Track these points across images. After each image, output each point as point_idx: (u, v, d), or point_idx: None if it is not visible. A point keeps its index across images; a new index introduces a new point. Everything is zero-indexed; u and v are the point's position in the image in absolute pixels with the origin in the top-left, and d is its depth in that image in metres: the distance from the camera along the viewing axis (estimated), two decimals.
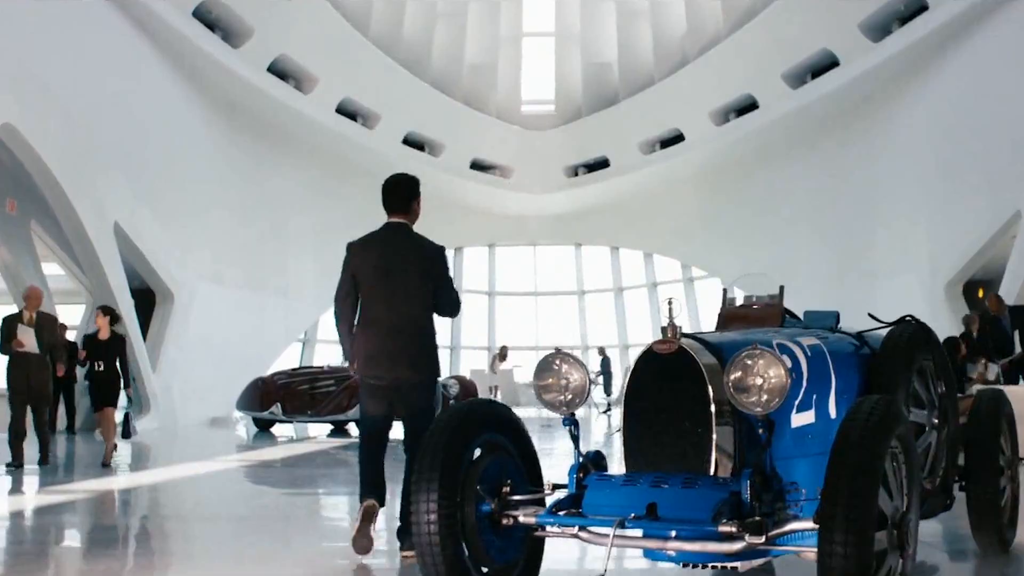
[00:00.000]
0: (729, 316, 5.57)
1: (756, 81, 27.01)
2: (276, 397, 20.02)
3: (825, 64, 25.19)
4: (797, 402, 4.52)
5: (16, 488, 11.24)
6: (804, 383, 4.59)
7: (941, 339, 6.02)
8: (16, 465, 12.57)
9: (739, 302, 5.66)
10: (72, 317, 22.70)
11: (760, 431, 4.05)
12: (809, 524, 3.82)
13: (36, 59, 17.75)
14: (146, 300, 22.94)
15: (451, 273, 6.45)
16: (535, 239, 36.68)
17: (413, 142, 30.40)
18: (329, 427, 20.45)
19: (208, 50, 22.99)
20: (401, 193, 6.44)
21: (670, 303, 4.31)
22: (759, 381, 3.96)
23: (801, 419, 4.54)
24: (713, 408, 4.19)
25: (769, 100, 26.75)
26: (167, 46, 22.14)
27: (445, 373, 32.05)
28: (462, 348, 36.45)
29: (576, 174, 33.10)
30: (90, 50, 19.60)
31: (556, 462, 9.15)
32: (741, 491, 3.97)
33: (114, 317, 13.76)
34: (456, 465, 4.31)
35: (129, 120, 20.85)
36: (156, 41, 21.83)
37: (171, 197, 22.47)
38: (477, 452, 4.51)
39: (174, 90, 22.82)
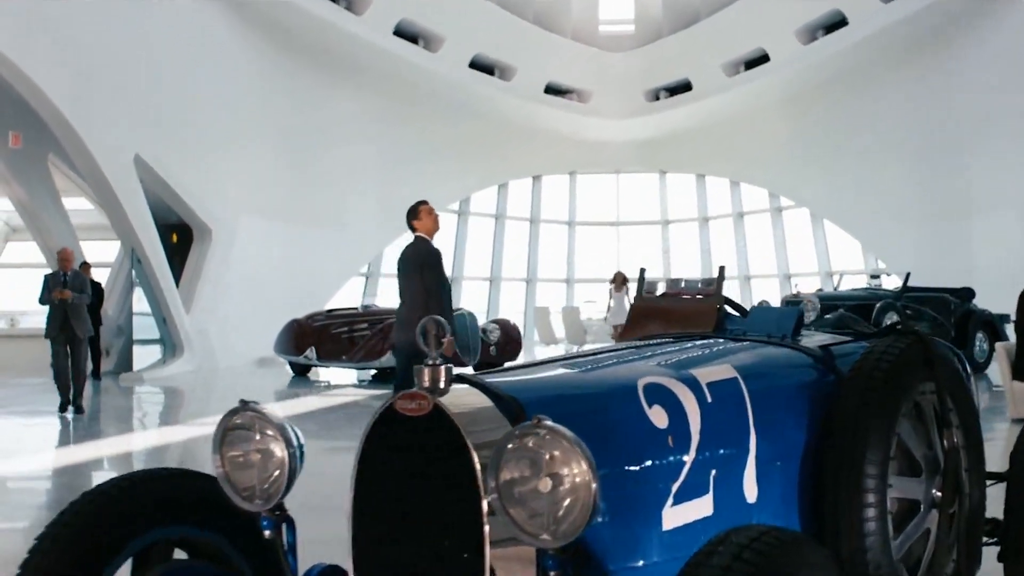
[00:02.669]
0: (643, 312, 3.75)
1: None
2: (311, 340, 18.76)
3: None
4: (677, 485, 2.75)
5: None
6: (692, 451, 2.81)
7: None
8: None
9: (663, 289, 3.82)
10: (106, 254, 21.74)
11: (553, 574, 2.30)
12: None
13: None
14: (189, 236, 21.88)
15: (440, 271, 8.59)
16: (618, 166, 34.91)
17: (481, 65, 28.68)
18: (371, 372, 19.07)
19: None
20: (407, 217, 8.72)
21: (438, 325, 2.59)
22: (546, 486, 2.25)
23: (684, 514, 2.76)
24: (487, 517, 2.39)
25: (859, 15, 24.43)
26: None
27: (510, 311, 31.14)
28: (538, 281, 34.94)
29: (657, 98, 31.20)
30: None
31: None
32: None
33: None
34: None
35: (148, 45, 19.43)
36: None
37: (206, 127, 21.14)
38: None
39: (207, 11, 21.28)
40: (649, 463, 2.69)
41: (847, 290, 19.68)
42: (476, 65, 28.46)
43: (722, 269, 3.88)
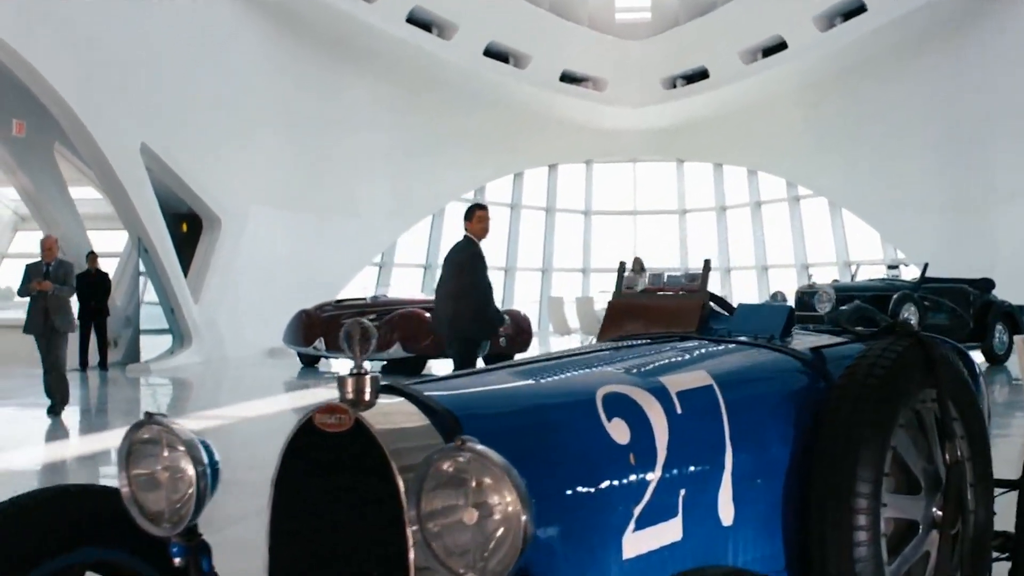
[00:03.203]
0: (622, 310, 3.43)
1: None
2: (319, 331, 18.48)
3: None
4: (640, 508, 2.45)
5: None
6: (657, 470, 2.52)
7: None
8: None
9: (643, 284, 3.51)
10: (115, 244, 21.58)
11: None
12: None
13: None
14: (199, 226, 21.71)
15: (482, 270, 9.20)
16: (635, 155, 34.53)
17: (496, 53, 28.36)
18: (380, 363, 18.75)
19: None
20: (465, 217, 9.31)
21: (361, 328, 2.31)
22: (472, 518, 1.97)
23: (648, 540, 2.45)
24: (412, 544, 2.06)
25: (878, 1, 24.03)
26: None
27: (525, 301, 30.84)
28: (554, 270, 34.65)
29: (674, 86, 30.82)
30: None
31: None
32: None
33: None
34: None
35: (154, 31, 19.23)
36: None
37: (215, 115, 20.93)
38: None
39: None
40: (606, 484, 2.40)
41: (864, 281, 19.32)
42: (491, 53, 28.16)
43: (707, 263, 3.58)
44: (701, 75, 29.90)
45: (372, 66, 26.04)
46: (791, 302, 17.61)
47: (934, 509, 3.11)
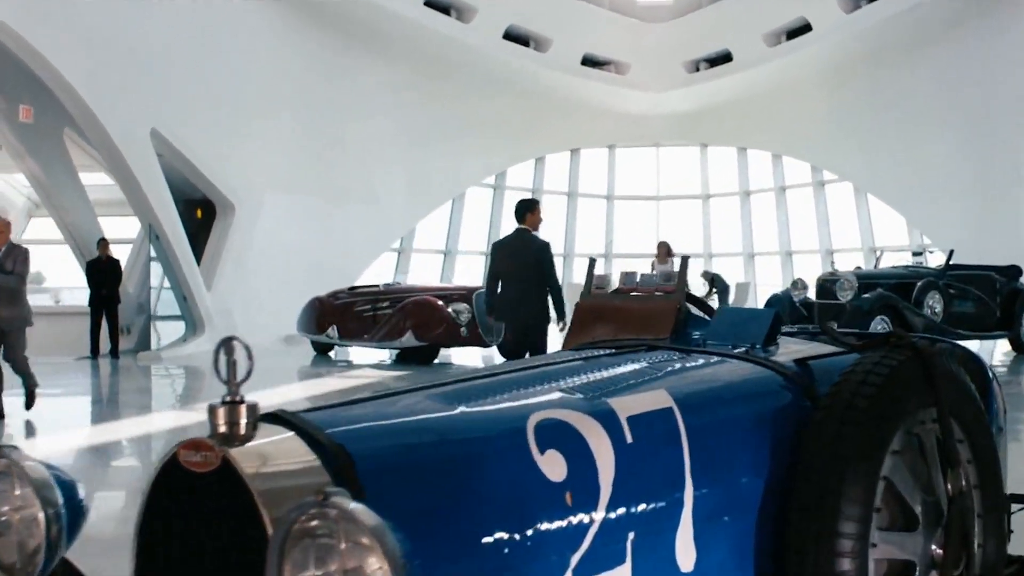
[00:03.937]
0: (590, 312, 3.07)
1: None
2: (332, 319, 18.28)
3: None
4: (578, 556, 2.08)
5: None
6: (600, 510, 2.15)
7: None
8: None
9: (616, 283, 3.15)
10: (128, 230, 21.38)
11: None
12: None
13: None
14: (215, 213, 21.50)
15: (554, 261, 9.75)
16: (658, 139, 34.09)
17: (516, 37, 27.96)
18: (394, 352, 18.45)
19: None
20: (519, 211, 9.78)
21: (228, 343, 1.97)
22: None
23: None
24: None
25: None
26: None
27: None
28: (576, 256, 34.29)
29: (697, 69, 30.38)
30: None
31: None
32: None
33: None
34: None
35: (164, 14, 18.93)
36: None
37: (227, 99, 20.65)
38: None
39: None
40: (536, 529, 2.03)
41: (888, 268, 18.85)
42: (511, 36, 27.78)
43: (685, 259, 3.22)
44: (724, 58, 29.46)
45: (389, 50, 25.69)
46: (812, 290, 17.23)
47: (933, 547, 2.71)
